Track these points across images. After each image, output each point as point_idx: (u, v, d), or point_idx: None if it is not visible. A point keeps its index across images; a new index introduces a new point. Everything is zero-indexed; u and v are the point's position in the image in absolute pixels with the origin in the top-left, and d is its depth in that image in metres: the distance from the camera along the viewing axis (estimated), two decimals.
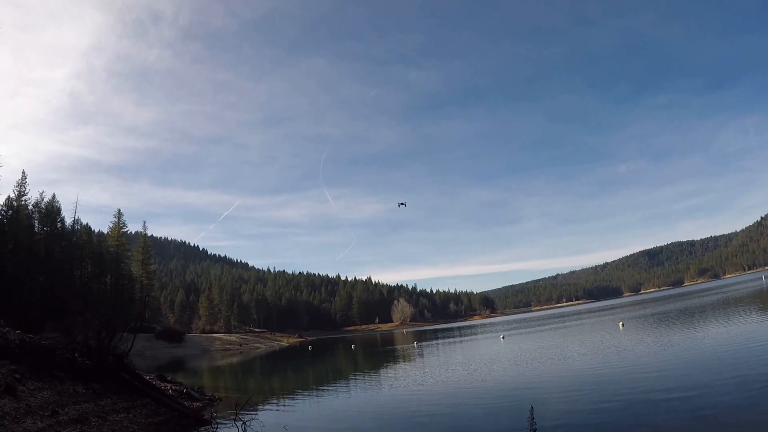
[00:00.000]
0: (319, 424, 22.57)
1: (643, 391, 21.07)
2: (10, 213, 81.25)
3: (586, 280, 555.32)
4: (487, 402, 24.53)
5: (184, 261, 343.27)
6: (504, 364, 38.22)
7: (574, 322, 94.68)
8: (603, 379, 26.02)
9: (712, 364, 24.28)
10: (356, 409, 26.58)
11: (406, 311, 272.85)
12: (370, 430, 21.07)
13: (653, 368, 27.03)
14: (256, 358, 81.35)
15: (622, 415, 18.02)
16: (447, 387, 30.39)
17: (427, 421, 21.02)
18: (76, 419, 18.08)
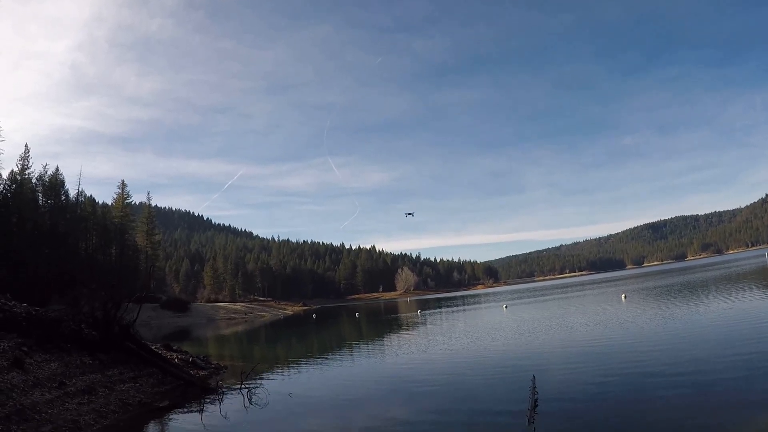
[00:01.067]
0: (324, 392, 22.77)
1: (644, 364, 21.19)
2: (13, 187, 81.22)
3: (589, 251, 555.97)
4: (490, 371, 24.72)
5: (189, 231, 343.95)
6: (506, 333, 38.43)
7: (577, 293, 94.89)
8: (605, 351, 26.17)
9: (714, 339, 24.36)
10: (360, 377, 26.82)
11: (409, 280, 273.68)
12: (374, 397, 21.27)
13: (655, 341, 27.16)
14: (260, 327, 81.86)
15: (623, 386, 18.16)
16: (450, 355, 30.60)
17: (430, 389, 21.21)
18: (83, 390, 18.32)
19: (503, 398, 18.49)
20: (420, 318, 72.22)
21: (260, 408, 19.28)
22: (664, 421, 13.42)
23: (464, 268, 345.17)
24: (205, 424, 17.36)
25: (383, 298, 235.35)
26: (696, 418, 13.44)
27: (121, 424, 17.07)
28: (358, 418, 17.61)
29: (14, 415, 13.70)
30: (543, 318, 48.32)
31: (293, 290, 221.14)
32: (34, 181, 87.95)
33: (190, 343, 47.53)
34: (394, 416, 17.29)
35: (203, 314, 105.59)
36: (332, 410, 19.19)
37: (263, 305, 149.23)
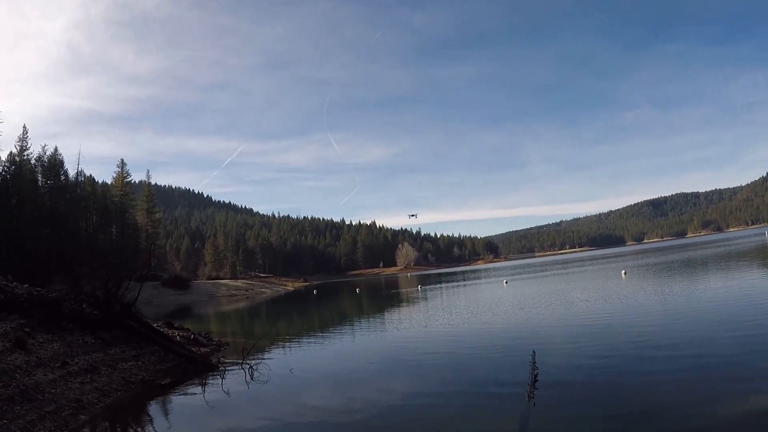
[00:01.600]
0: (325, 367, 22.90)
1: (644, 340, 21.25)
2: (12, 168, 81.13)
3: (589, 227, 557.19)
4: (490, 345, 24.82)
5: (189, 208, 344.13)
6: (507, 308, 38.56)
7: (577, 269, 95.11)
8: (604, 327, 26.25)
9: (713, 317, 24.36)
10: (361, 352, 26.96)
11: (410, 255, 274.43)
12: (375, 372, 21.39)
13: (654, 317, 27.21)
14: (261, 303, 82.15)
15: (622, 362, 18.24)
16: (450, 330, 30.73)
17: (431, 364, 21.32)
18: (86, 369, 18.43)
19: (503, 373, 18.60)
20: (420, 293, 72.44)
21: (262, 384, 19.39)
22: (663, 399, 13.49)
23: (464, 244, 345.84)
24: (208, 400, 17.49)
25: (384, 274, 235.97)
26: (696, 395, 13.53)
27: (124, 402, 17.19)
28: (360, 393, 17.73)
29: (17, 396, 13.80)
30: (543, 293, 48.45)
31: (294, 266, 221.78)
32: (33, 162, 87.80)
33: (191, 321, 47.74)
34: (395, 390, 17.42)
35: (204, 291, 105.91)
36: (334, 385, 19.32)
37: (264, 282, 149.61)
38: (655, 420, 11.91)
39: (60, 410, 14.32)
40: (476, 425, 13.19)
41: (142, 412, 16.62)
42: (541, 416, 13.04)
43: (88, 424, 14.40)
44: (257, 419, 14.97)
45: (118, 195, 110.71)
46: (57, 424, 13.45)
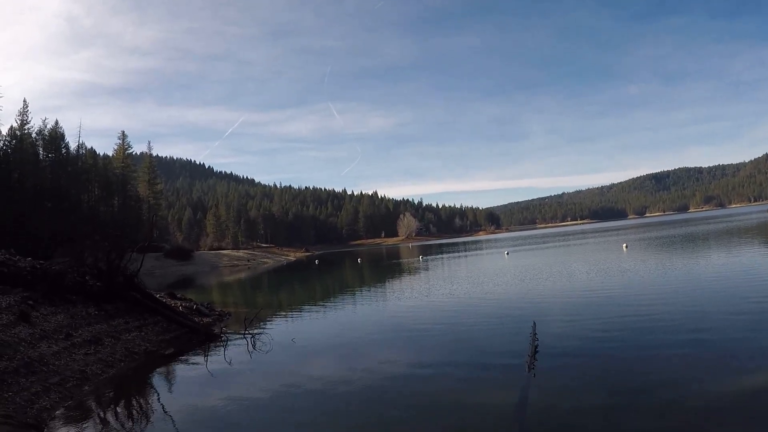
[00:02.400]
0: (326, 337, 23.04)
1: (644, 314, 21.32)
2: (13, 143, 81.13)
3: (591, 200, 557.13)
4: (491, 316, 24.95)
5: (190, 179, 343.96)
6: (508, 279, 38.70)
7: (578, 241, 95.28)
8: (605, 299, 26.33)
9: (714, 293, 24.36)
10: (362, 322, 27.10)
11: (411, 226, 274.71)
12: (376, 341, 21.52)
13: (655, 291, 27.27)
14: (263, 273, 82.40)
15: (623, 335, 18.32)
16: (452, 300, 30.85)
17: (432, 334, 21.45)
18: (89, 340, 18.55)
19: (504, 344, 18.70)
20: (422, 263, 72.65)
21: (264, 353, 19.54)
22: (663, 373, 13.58)
23: (466, 215, 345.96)
24: (210, 370, 17.63)
25: (385, 244, 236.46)
26: (695, 371, 13.61)
27: (128, 373, 17.35)
28: (361, 363, 17.86)
29: (22, 368, 13.91)
30: (544, 265, 48.57)
31: (295, 236, 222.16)
32: (34, 135, 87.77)
33: (194, 291, 47.96)
34: (396, 361, 17.53)
35: (206, 262, 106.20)
36: (335, 354, 19.46)
37: (266, 252, 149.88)
38: (655, 393, 12.00)
39: (64, 382, 14.46)
40: (476, 395, 13.30)
41: (146, 383, 16.78)
42: (541, 387, 13.15)
43: (93, 395, 14.55)
44: (259, 389, 15.11)
45: (120, 167, 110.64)
46: (62, 396, 13.59)
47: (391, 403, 13.06)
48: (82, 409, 13.37)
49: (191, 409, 13.41)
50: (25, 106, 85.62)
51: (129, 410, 14.13)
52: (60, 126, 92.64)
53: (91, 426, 12.15)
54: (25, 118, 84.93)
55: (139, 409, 14.30)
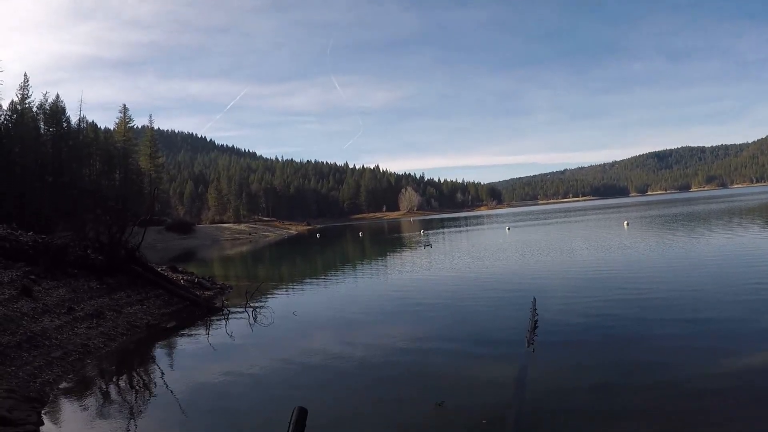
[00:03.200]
0: (327, 310, 23.14)
1: (644, 291, 21.40)
2: (14, 117, 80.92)
3: (593, 177, 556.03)
4: (491, 291, 25.05)
5: (192, 153, 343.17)
6: (509, 255, 38.79)
7: (580, 218, 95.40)
8: (605, 276, 26.44)
9: (715, 272, 24.33)
10: (363, 296, 27.22)
11: (413, 200, 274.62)
12: (377, 315, 21.62)
13: (655, 269, 27.36)
14: (265, 247, 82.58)
15: (622, 312, 18.39)
16: (452, 275, 30.95)
17: (432, 308, 21.53)
18: (91, 314, 18.64)
19: (504, 319, 18.78)
20: (423, 238, 72.73)
21: (265, 326, 19.63)
22: (661, 350, 13.64)
23: (468, 189, 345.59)
24: (212, 343, 17.74)
25: (387, 218, 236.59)
26: (693, 349, 13.67)
27: (130, 346, 17.46)
28: (361, 336, 17.97)
29: (25, 343, 13.99)
30: (545, 241, 48.67)
31: (297, 210, 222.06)
32: (35, 110, 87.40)
33: (195, 265, 48.06)
34: (396, 335, 17.61)
35: (208, 235, 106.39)
36: (336, 328, 19.55)
37: (267, 225, 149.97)
38: (652, 371, 12.07)
39: (67, 355, 14.55)
40: (476, 370, 13.37)
41: (148, 356, 16.89)
42: (541, 362, 13.22)
43: (95, 369, 14.67)
44: (260, 362, 15.20)
45: (121, 141, 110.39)
46: (64, 370, 13.68)
47: (392, 378, 13.14)
48: (85, 382, 13.48)
49: (193, 383, 13.51)
50: (25, 81, 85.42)
51: (131, 383, 14.24)
52: (61, 100, 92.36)
53: (93, 399, 12.26)
54: (25, 93, 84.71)
55: (141, 382, 14.40)
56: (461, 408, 10.76)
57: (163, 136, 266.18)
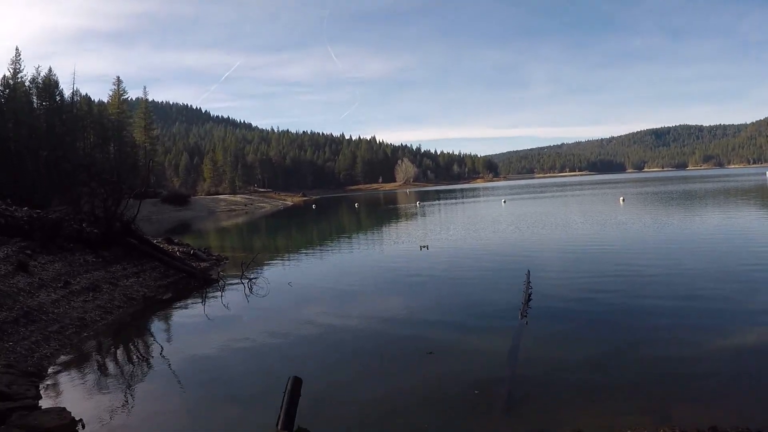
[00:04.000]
0: (323, 281, 23.26)
1: (638, 267, 21.52)
2: (7, 92, 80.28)
3: (591, 152, 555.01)
4: (486, 263, 25.19)
5: (187, 124, 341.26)
6: (504, 227, 38.93)
7: (576, 192, 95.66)
8: (600, 251, 26.58)
9: (709, 251, 24.38)
10: (359, 267, 27.39)
11: (409, 171, 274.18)
12: (372, 286, 21.75)
13: (650, 246, 27.51)
14: (261, 218, 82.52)
15: (616, 286, 18.53)
16: (447, 247, 31.07)
17: (427, 280, 21.66)
18: (88, 287, 18.71)
19: (498, 291, 18.91)
20: (419, 209, 72.85)
21: (261, 297, 19.76)
22: (653, 325, 13.78)
23: (464, 162, 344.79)
24: (208, 314, 17.87)
25: (383, 189, 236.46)
26: (685, 325, 13.81)
27: (126, 319, 17.55)
28: (356, 307, 18.12)
29: (22, 318, 14.05)
30: (541, 214, 48.78)
31: (293, 181, 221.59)
32: (28, 84, 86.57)
33: (191, 236, 48.09)
34: (391, 306, 17.75)
35: (204, 207, 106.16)
36: (331, 299, 19.67)
37: (263, 196, 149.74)
38: (644, 347, 12.21)
39: (64, 329, 14.64)
40: (469, 341, 13.51)
41: (144, 328, 17.01)
42: (534, 334, 13.36)
43: (92, 342, 14.76)
44: (256, 332, 15.33)
45: (115, 113, 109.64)
46: (61, 344, 13.78)
47: (386, 349, 13.28)
48: (82, 355, 13.58)
49: (189, 354, 13.64)
50: (17, 54, 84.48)
51: (128, 356, 14.36)
52: (54, 73, 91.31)
53: (90, 372, 12.37)
54: (17, 67, 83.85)
55: (138, 354, 14.54)
56: (453, 379, 10.90)
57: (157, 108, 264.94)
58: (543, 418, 8.78)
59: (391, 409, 9.73)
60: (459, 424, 8.91)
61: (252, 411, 9.92)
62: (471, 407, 9.55)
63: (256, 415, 9.58)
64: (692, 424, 7.74)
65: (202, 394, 10.95)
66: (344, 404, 10.02)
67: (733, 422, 7.74)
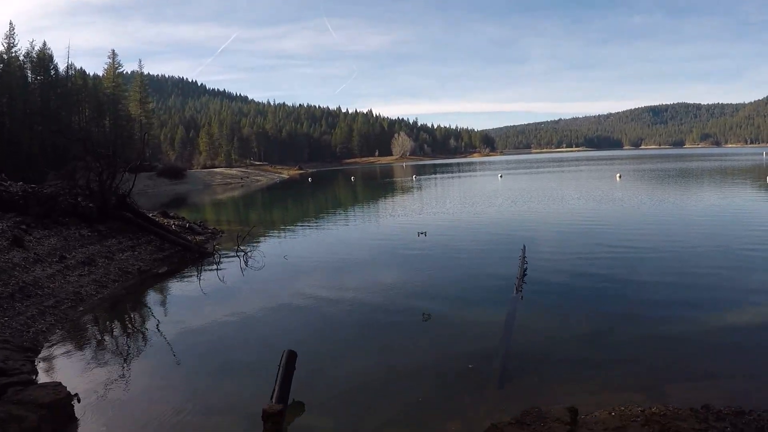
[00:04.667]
0: (318, 255, 23.30)
1: (633, 243, 21.61)
2: (1, 67, 79.53)
3: (588, 128, 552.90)
4: (482, 237, 25.27)
5: (183, 97, 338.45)
6: (500, 202, 38.98)
7: (572, 168, 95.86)
8: (595, 226, 26.66)
9: (704, 230, 24.48)
10: (354, 240, 27.46)
11: (406, 145, 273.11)
12: (367, 260, 21.80)
13: (645, 223, 27.62)
14: (257, 191, 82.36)
15: (611, 262, 18.65)
16: (443, 220, 31.13)
17: (423, 253, 21.71)
18: (83, 262, 18.68)
19: (493, 265, 18.98)
20: (415, 183, 72.79)
21: (256, 270, 19.78)
22: (647, 302, 13.87)
23: (461, 136, 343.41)
24: (203, 287, 17.89)
25: (379, 163, 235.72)
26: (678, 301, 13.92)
27: (122, 292, 17.54)
28: (351, 280, 18.17)
29: (17, 293, 14.04)
30: (537, 189, 48.87)
31: (289, 154, 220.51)
32: (22, 58, 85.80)
33: (187, 210, 48.00)
34: (386, 278, 17.81)
35: (199, 180, 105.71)
36: (326, 272, 19.75)
37: (259, 170, 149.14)
38: (638, 322, 12.29)
39: (59, 304, 14.64)
40: (465, 314, 13.59)
41: (140, 302, 17.04)
42: (528, 308, 13.43)
43: (88, 316, 14.77)
44: (251, 305, 15.40)
45: (110, 87, 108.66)
46: (57, 318, 13.78)
47: (382, 321, 13.35)
48: (78, 330, 13.59)
49: (185, 327, 13.68)
50: (11, 29, 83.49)
51: (124, 330, 14.41)
52: (48, 47, 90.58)
53: (86, 347, 12.40)
54: (11, 41, 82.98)
55: (134, 328, 14.57)
56: (447, 353, 10.97)
57: (153, 81, 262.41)
58: (537, 393, 8.83)
59: (385, 383, 9.80)
60: (453, 398, 8.97)
61: (247, 384, 9.97)
62: (465, 381, 9.62)
63: (252, 388, 9.63)
64: (685, 402, 7.79)
65: (198, 368, 11.00)
66: (339, 377, 10.08)
67: (726, 401, 7.79)
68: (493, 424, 7.13)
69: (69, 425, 8.33)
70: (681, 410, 7.30)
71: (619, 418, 7.13)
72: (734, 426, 6.79)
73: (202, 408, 9.01)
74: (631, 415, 7.20)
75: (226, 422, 8.57)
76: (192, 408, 8.96)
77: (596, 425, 6.98)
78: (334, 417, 8.62)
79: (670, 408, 7.41)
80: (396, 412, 8.60)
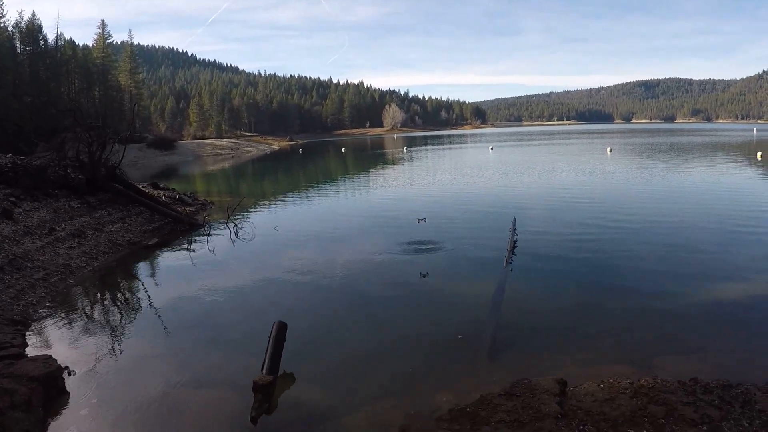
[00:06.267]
0: (309, 226, 23.29)
1: (623, 217, 21.73)
2: None
3: (579, 101, 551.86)
4: (472, 210, 25.29)
5: (173, 68, 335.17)
6: (491, 174, 38.99)
7: (563, 141, 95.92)
8: (586, 199, 26.77)
9: (694, 203, 24.69)
10: (345, 211, 27.44)
11: (397, 117, 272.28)
12: (357, 231, 21.83)
13: (635, 197, 27.74)
14: (247, 162, 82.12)
15: (600, 235, 18.73)
16: (434, 192, 31.15)
17: (412, 225, 21.58)
18: (73, 234, 18.59)
19: (484, 237, 19.04)
20: (406, 154, 72.70)
21: (246, 242, 19.81)
22: (636, 276, 14.01)
23: (452, 108, 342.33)
24: (193, 259, 17.88)
25: (370, 134, 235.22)
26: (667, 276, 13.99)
27: (112, 264, 17.50)
28: (342, 251, 18.21)
29: (7, 266, 13.95)
30: (528, 162, 48.93)
31: (280, 125, 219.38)
32: (11, 29, 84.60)
33: (177, 181, 47.80)
34: (376, 250, 17.82)
35: (190, 152, 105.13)
36: (317, 244, 19.74)
37: (250, 141, 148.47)
38: (628, 295, 12.39)
39: (49, 276, 14.58)
40: (455, 286, 13.67)
41: (130, 274, 17.01)
42: (518, 280, 13.50)
43: (78, 288, 14.74)
44: (241, 277, 15.41)
45: (100, 57, 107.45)
46: (47, 291, 13.74)
47: (372, 293, 13.40)
48: (68, 302, 13.57)
49: (175, 298, 13.70)
50: None
51: (114, 301, 14.40)
52: (37, 18, 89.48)
53: (76, 319, 12.37)
54: (0, 11, 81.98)
55: (124, 300, 14.57)
56: (437, 324, 11.02)
57: (143, 52, 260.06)
58: (526, 365, 8.89)
59: (375, 354, 9.86)
60: (443, 369, 9.04)
61: (237, 355, 10.01)
62: (455, 352, 9.69)
63: (242, 359, 9.67)
64: (673, 375, 7.87)
65: (188, 339, 11.03)
66: (329, 348, 10.13)
67: (714, 374, 7.87)
68: (482, 396, 7.18)
69: (60, 398, 8.35)
70: (669, 383, 7.38)
71: (607, 390, 7.21)
72: (721, 398, 6.86)
73: (193, 379, 9.04)
74: (619, 387, 7.28)
75: (216, 393, 8.61)
76: (183, 379, 8.99)
77: (585, 397, 7.05)
78: (325, 388, 8.67)
79: (659, 380, 7.48)
80: (386, 383, 8.65)
